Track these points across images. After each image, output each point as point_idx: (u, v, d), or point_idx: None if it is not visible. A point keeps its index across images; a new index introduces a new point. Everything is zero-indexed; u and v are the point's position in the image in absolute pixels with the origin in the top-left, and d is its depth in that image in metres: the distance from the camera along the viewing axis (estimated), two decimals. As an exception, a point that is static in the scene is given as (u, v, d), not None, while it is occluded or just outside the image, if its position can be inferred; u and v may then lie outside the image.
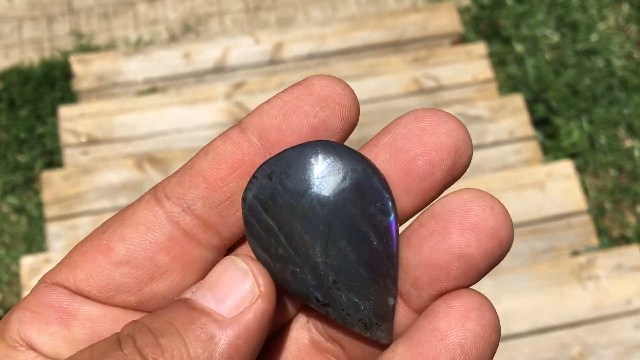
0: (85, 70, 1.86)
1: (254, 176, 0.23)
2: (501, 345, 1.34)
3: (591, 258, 1.42)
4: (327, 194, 0.23)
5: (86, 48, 2.03)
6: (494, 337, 0.21)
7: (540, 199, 1.54)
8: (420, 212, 0.23)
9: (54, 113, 1.85)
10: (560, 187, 1.56)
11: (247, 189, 0.23)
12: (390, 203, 0.22)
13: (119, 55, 1.90)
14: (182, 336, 0.20)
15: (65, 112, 1.73)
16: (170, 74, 1.88)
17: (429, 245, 0.21)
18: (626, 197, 1.83)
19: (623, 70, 2.03)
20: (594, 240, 1.53)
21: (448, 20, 1.95)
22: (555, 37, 2.08)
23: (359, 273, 0.23)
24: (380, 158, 0.23)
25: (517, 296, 1.38)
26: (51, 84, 1.93)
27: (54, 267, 0.24)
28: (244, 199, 0.23)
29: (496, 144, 1.67)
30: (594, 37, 2.08)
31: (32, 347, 0.22)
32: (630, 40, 2.09)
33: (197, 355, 0.20)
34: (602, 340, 1.33)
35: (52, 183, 1.60)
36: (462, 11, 2.10)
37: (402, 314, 0.23)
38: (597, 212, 1.78)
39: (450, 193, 0.22)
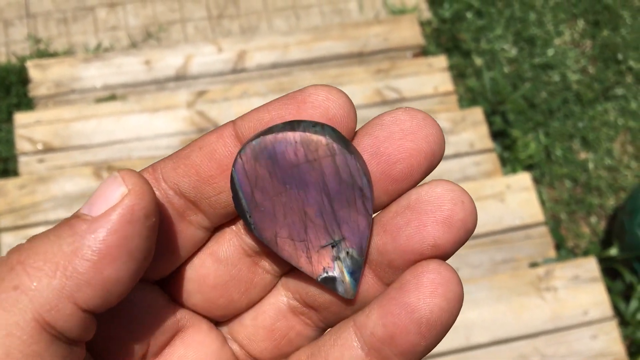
0: (43, 76, 1.82)
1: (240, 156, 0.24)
2: (461, 356, 1.36)
3: (549, 269, 1.45)
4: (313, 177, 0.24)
5: (44, 53, 1.98)
6: (457, 307, 0.23)
7: (500, 210, 1.57)
8: (395, 201, 0.24)
9: (9, 119, 1.80)
10: (519, 198, 1.59)
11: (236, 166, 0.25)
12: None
13: (78, 61, 1.86)
14: (52, 235, 0.22)
15: (21, 118, 1.69)
16: (131, 81, 1.85)
17: (405, 234, 0.24)
18: (581, 208, 1.88)
19: (578, 85, 2.09)
20: (552, 252, 1.56)
21: (410, 32, 1.97)
22: (513, 51, 2.13)
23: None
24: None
25: (478, 307, 1.39)
26: (7, 89, 1.87)
27: None
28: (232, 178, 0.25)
29: (457, 155, 1.69)
30: (550, 52, 2.13)
31: None
32: (585, 55, 2.15)
33: (67, 248, 0.21)
34: (560, 350, 1.36)
35: (7, 192, 1.55)
36: (424, 24, 2.12)
37: (373, 285, 0.25)
38: (553, 222, 1.82)
39: (425, 185, 0.24)
